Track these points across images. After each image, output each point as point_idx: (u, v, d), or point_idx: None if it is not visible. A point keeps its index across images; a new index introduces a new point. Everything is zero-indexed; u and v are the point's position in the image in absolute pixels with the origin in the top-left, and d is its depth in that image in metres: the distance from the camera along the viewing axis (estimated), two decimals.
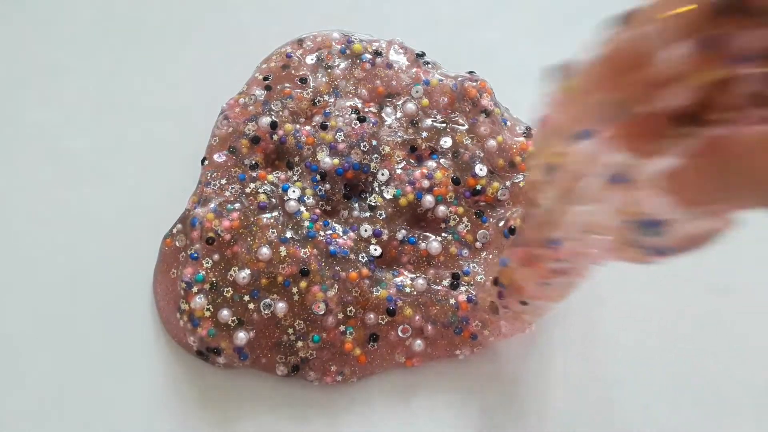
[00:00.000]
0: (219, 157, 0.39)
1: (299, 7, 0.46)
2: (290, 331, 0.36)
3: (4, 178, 0.41)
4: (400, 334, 0.37)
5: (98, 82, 0.44)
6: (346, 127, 0.39)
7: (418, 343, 0.37)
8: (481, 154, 0.40)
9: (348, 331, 0.36)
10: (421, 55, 0.43)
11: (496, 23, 0.46)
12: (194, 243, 0.37)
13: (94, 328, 0.38)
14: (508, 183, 0.40)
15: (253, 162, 0.39)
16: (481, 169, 0.39)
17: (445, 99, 0.41)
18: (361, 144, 0.39)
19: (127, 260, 0.39)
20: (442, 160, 0.39)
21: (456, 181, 0.39)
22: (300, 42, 0.43)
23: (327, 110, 0.40)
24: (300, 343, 0.36)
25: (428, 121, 0.40)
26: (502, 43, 0.46)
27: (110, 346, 0.38)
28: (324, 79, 0.41)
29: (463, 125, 0.40)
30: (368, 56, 0.42)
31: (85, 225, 0.40)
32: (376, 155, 0.39)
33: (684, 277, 0.39)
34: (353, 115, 0.40)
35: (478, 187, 0.39)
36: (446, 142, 0.40)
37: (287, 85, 0.40)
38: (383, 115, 0.40)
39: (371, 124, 0.40)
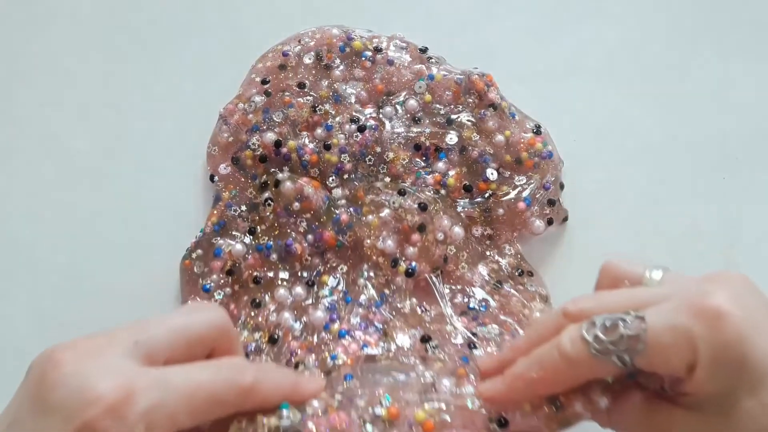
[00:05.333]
0: (224, 170, 0.39)
1: (299, 6, 0.45)
2: None
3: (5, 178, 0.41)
4: None
5: (96, 82, 0.43)
6: (348, 140, 0.38)
7: None
8: (491, 151, 0.39)
9: None
10: (424, 50, 0.41)
11: (496, 23, 0.45)
12: (213, 273, 0.36)
13: None
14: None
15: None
16: (492, 173, 0.38)
17: (450, 93, 0.40)
18: (366, 158, 0.38)
19: (123, 264, 0.39)
20: (449, 158, 0.39)
21: (468, 188, 0.38)
22: (298, 39, 0.41)
23: (328, 123, 0.39)
24: None
25: (431, 118, 0.39)
26: (502, 42, 0.44)
27: None
28: (324, 83, 0.40)
29: (469, 120, 0.39)
30: (368, 53, 0.40)
31: (84, 227, 0.40)
32: (382, 165, 0.38)
33: None
34: (353, 126, 0.39)
35: (489, 192, 0.38)
36: (451, 138, 0.39)
37: (286, 93, 0.39)
38: (382, 117, 0.39)
39: (373, 130, 0.39)
